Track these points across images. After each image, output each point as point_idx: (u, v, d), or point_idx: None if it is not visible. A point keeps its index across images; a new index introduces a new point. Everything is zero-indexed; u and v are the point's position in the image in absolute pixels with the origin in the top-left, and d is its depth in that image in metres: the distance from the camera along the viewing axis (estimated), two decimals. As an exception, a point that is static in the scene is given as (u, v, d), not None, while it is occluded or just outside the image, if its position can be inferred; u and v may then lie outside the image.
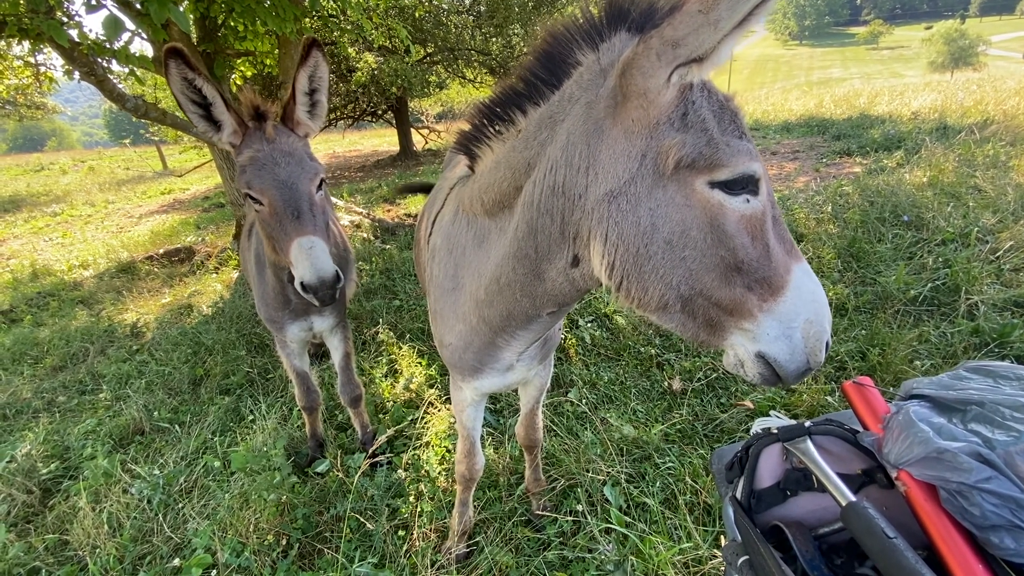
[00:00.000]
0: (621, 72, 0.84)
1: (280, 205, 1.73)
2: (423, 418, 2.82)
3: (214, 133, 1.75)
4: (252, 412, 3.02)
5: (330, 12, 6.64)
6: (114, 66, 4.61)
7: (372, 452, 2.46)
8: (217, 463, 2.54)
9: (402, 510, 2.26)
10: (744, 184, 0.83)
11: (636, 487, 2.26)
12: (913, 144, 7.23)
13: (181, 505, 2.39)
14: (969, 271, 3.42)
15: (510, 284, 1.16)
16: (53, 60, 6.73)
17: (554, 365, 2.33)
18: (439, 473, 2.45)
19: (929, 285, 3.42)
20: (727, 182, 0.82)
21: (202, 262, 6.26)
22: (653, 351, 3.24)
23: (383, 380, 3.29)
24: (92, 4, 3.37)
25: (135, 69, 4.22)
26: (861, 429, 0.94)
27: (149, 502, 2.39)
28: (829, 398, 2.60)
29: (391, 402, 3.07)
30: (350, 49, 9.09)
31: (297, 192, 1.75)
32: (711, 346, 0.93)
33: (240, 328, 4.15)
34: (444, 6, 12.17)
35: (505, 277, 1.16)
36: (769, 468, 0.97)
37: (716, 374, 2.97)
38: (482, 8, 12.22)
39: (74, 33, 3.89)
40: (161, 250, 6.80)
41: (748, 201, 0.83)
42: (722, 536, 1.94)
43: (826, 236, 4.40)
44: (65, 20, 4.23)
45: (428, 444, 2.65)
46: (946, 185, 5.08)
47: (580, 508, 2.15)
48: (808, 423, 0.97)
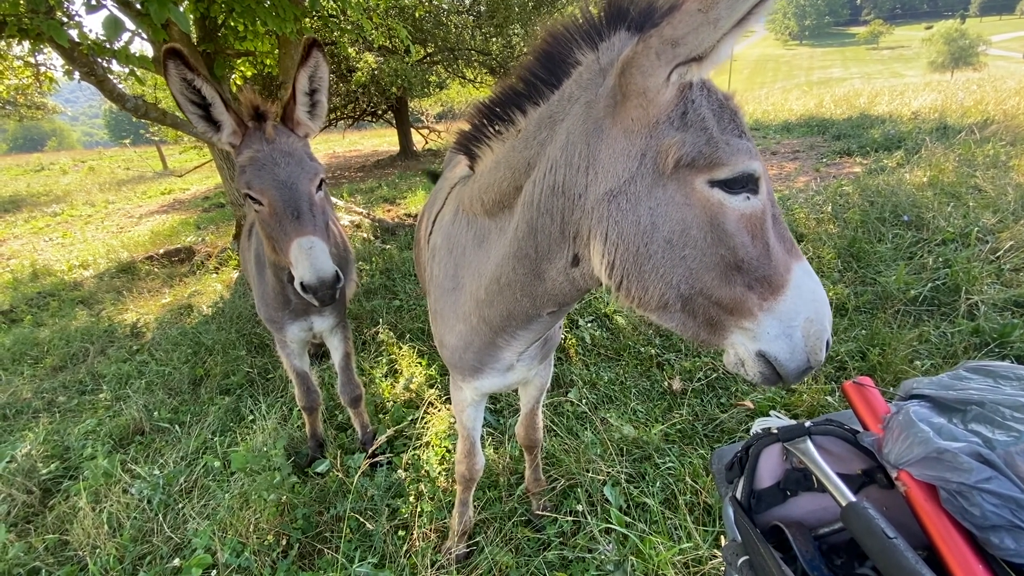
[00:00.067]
0: (620, 71, 0.84)
1: (280, 205, 1.73)
2: (423, 418, 2.82)
3: (213, 133, 1.75)
4: (252, 412, 3.02)
5: (330, 12, 6.64)
6: (114, 66, 4.61)
7: (372, 452, 2.46)
8: (217, 463, 2.54)
9: (402, 510, 2.26)
10: (744, 183, 0.83)
11: (636, 487, 2.26)
12: (913, 144, 7.23)
13: (181, 505, 2.38)
14: (969, 271, 3.42)
15: (510, 284, 1.16)
16: (53, 60, 6.74)
17: (554, 365, 2.33)
18: (439, 473, 2.45)
19: (929, 285, 3.42)
20: (727, 181, 0.82)
21: (202, 262, 6.26)
22: (653, 351, 3.24)
23: (383, 380, 3.29)
24: (92, 4, 3.37)
25: (135, 69, 4.22)
26: (861, 429, 0.94)
27: (149, 502, 2.39)
28: (829, 398, 2.60)
29: (391, 402, 3.07)
30: (350, 49, 9.09)
31: (297, 192, 1.75)
32: (712, 345, 0.93)
33: (240, 328, 4.15)
34: (444, 6, 12.17)
35: (505, 277, 1.16)
36: (769, 468, 0.97)
37: (716, 374, 2.97)
38: (482, 8, 12.23)
39: (74, 33, 3.89)
40: (161, 250, 6.80)
41: (748, 199, 0.83)
42: (722, 536, 1.94)
43: (826, 236, 4.40)
44: (65, 20, 4.23)
45: (428, 444, 2.65)
46: (946, 185, 5.08)
47: (580, 508, 2.14)
48: (808, 423, 0.97)
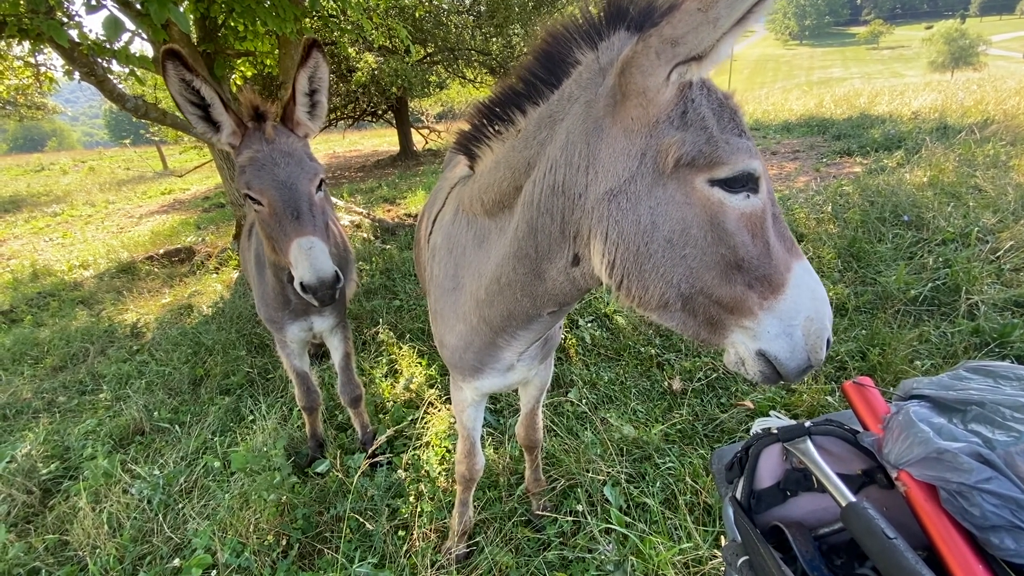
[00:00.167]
0: (620, 71, 0.84)
1: (280, 205, 1.73)
2: (423, 418, 2.82)
3: (213, 134, 1.75)
4: (252, 412, 3.02)
5: (330, 12, 6.64)
6: (114, 66, 4.60)
7: (372, 452, 2.46)
8: (217, 463, 2.54)
9: (402, 510, 2.26)
10: (744, 182, 0.83)
11: (636, 487, 2.26)
12: (913, 144, 7.22)
13: (181, 505, 2.38)
14: (969, 271, 3.42)
15: (511, 284, 1.16)
16: (53, 60, 6.74)
17: (554, 365, 2.33)
18: (439, 473, 2.45)
19: (929, 285, 3.42)
20: (727, 180, 0.82)
21: (202, 262, 6.26)
22: (653, 351, 3.24)
23: (383, 380, 3.29)
24: (92, 4, 3.37)
25: (135, 69, 4.22)
26: (861, 429, 0.94)
27: (149, 502, 2.39)
28: (829, 398, 2.60)
29: (391, 402, 3.07)
30: (350, 49, 9.09)
31: (297, 192, 1.74)
32: (712, 344, 0.93)
33: (240, 328, 4.15)
34: (444, 6, 12.17)
35: (505, 277, 1.16)
36: (769, 468, 0.96)
37: (716, 374, 2.97)
38: (482, 8, 12.23)
39: (74, 33, 3.89)
40: (161, 250, 6.80)
41: (748, 198, 0.83)
42: (722, 536, 1.94)
43: (826, 236, 4.40)
44: (65, 20, 4.23)
45: (428, 444, 2.64)
46: (946, 185, 5.07)
47: (580, 508, 2.14)
48: (808, 423, 0.97)
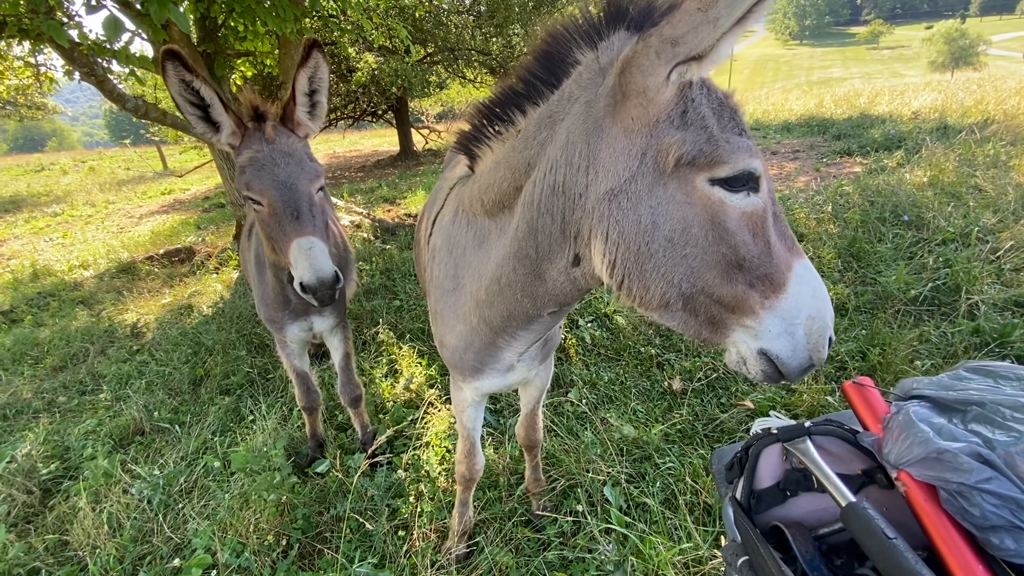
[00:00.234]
0: (620, 71, 0.84)
1: (280, 205, 1.73)
2: (423, 418, 2.82)
3: (213, 134, 1.75)
4: (252, 412, 3.02)
5: (330, 12, 6.64)
6: (114, 66, 4.60)
7: (372, 452, 2.46)
8: (217, 463, 2.54)
9: (402, 510, 2.26)
10: (745, 181, 0.83)
11: (636, 487, 2.25)
12: (913, 144, 7.22)
13: (181, 505, 2.38)
14: (969, 271, 3.42)
15: (511, 284, 1.16)
16: (53, 60, 6.74)
17: (554, 365, 2.33)
18: (439, 473, 2.45)
19: (929, 285, 3.42)
20: (728, 179, 0.82)
21: (202, 262, 6.26)
22: (653, 351, 3.24)
23: (383, 380, 3.29)
24: (92, 4, 3.37)
25: (135, 69, 4.22)
26: (861, 429, 0.94)
27: (149, 502, 2.39)
28: (829, 398, 2.60)
29: (391, 402, 3.07)
30: (350, 49, 9.08)
31: (297, 192, 1.75)
32: (713, 344, 0.93)
33: (240, 328, 4.15)
34: (444, 6, 12.17)
35: (506, 277, 1.16)
36: (769, 468, 0.96)
37: (716, 374, 2.97)
38: (482, 8, 12.23)
39: (74, 33, 3.89)
40: (161, 250, 6.80)
41: (748, 196, 0.83)
42: (722, 536, 1.94)
43: (826, 236, 4.40)
44: (65, 20, 4.23)
45: (428, 444, 2.64)
46: (946, 185, 5.07)
47: (580, 508, 2.14)
48: (808, 423, 0.97)
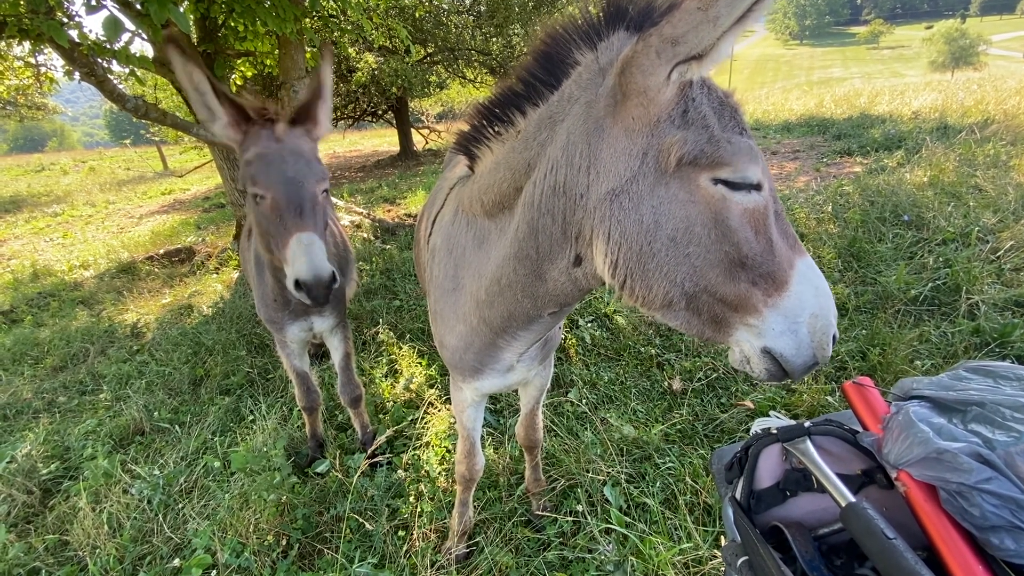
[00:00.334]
0: (620, 71, 0.84)
1: (284, 200, 1.73)
2: (423, 418, 2.82)
3: (213, 121, 1.76)
4: (252, 412, 3.02)
5: (330, 12, 6.63)
6: (114, 67, 4.60)
7: (372, 452, 2.46)
8: (217, 463, 2.54)
9: (402, 510, 2.26)
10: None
11: (636, 487, 2.25)
12: (914, 144, 7.22)
13: (181, 505, 2.38)
14: (970, 271, 3.41)
15: (511, 285, 1.16)
16: (53, 61, 6.74)
17: (554, 365, 2.33)
18: (439, 473, 2.45)
19: (930, 285, 3.42)
20: (729, 179, 0.82)
21: (202, 262, 6.26)
22: (653, 351, 3.24)
23: (383, 380, 3.29)
24: (92, 5, 3.37)
25: (135, 70, 4.21)
26: (861, 429, 0.94)
27: (149, 502, 2.39)
28: (829, 398, 2.60)
29: (391, 402, 3.07)
30: (350, 49, 9.09)
31: (303, 189, 1.76)
32: (716, 343, 0.93)
33: (240, 328, 4.15)
34: (444, 6, 12.16)
35: (506, 278, 1.16)
36: (769, 468, 0.96)
37: (716, 374, 2.97)
38: (482, 8, 12.22)
39: (74, 34, 3.89)
40: (161, 250, 6.80)
41: (750, 193, 0.84)
42: (722, 536, 1.94)
43: (826, 236, 4.40)
44: (65, 21, 4.23)
45: (428, 444, 2.64)
46: (947, 185, 5.07)
47: (580, 508, 2.14)
48: (808, 423, 0.97)
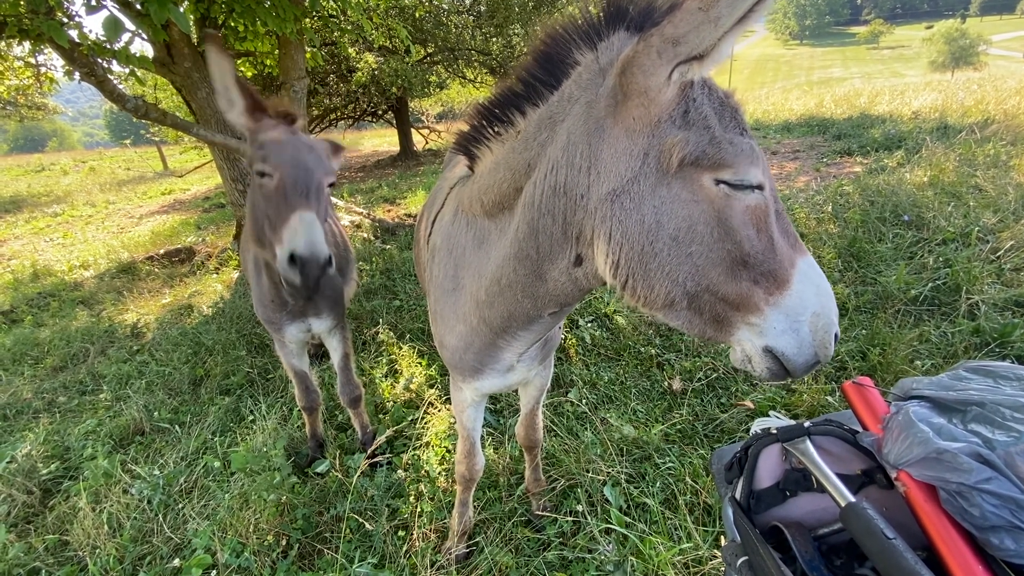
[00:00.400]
0: (621, 71, 0.84)
1: (291, 180, 1.75)
2: (423, 418, 2.82)
3: (230, 108, 1.82)
4: (252, 412, 3.02)
5: (330, 12, 6.64)
6: (114, 67, 4.60)
7: (372, 452, 2.46)
8: (217, 463, 2.54)
9: (402, 510, 2.26)
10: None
11: (636, 487, 2.25)
12: (914, 144, 7.22)
13: (181, 505, 2.38)
14: (970, 271, 3.41)
15: (511, 285, 1.16)
16: (53, 61, 6.73)
17: (554, 365, 2.33)
18: (439, 473, 2.45)
19: (930, 285, 3.42)
20: (731, 180, 0.82)
21: (202, 262, 6.26)
22: (653, 351, 3.24)
23: (383, 380, 3.29)
24: (92, 5, 3.37)
25: (135, 70, 4.21)
26: (861, 429, 0.94)
27: (149, 502, 2.39)
28: (829, 398, 2.60)
29: (391, 402, 3.07)
30: (350, 49, 9.09)
31: (311, 175, 1.79)
32: (718, 342, 0.93)
33: (240, 328, 4.15)
34: (444, 6, 12.16)
35: (506, 278, 1.16)
36: (768, 468, 0.96)
37: (716, 374, 2.97)
38: (482, 8, 12.22)
39: (74, 34, 3.89)
40: (161, 250, 6.80)
41: (752, 192, 0.84)
42: (722, 536, 1.94)
43: (826, 236, 4.40)
44: (65, 21, 4.22)
45: (428, 444, 2.65)
46: (947, 185, 5.07)
47: (580, 508, 2.14)
48: (807, 423, 0.97)
